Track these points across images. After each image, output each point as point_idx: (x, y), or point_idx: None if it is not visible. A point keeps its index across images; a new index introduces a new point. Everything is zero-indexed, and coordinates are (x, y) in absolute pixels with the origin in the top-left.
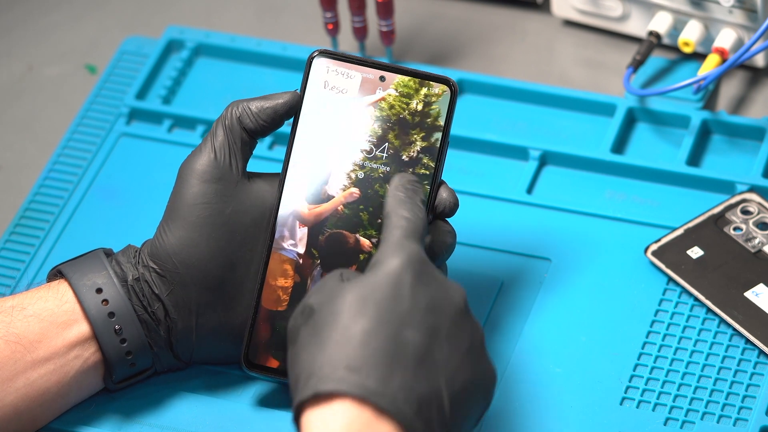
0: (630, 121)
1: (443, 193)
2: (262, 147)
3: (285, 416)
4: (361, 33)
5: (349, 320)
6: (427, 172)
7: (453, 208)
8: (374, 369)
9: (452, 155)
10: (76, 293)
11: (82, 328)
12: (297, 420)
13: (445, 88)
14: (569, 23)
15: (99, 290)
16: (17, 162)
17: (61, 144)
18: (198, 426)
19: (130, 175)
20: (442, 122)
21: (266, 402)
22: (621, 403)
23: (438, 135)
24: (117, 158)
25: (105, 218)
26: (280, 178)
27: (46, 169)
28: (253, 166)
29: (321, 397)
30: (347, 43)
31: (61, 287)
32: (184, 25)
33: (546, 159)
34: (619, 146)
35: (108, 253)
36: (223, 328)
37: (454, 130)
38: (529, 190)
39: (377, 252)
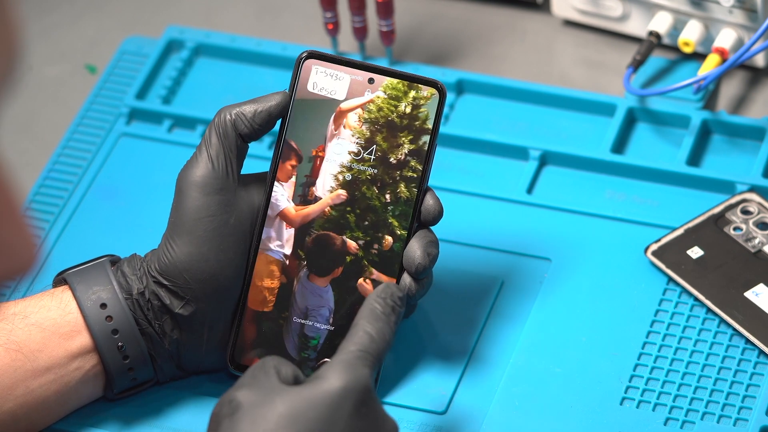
0: (630, 121)
1: (429, 200)
2: (262, 147)
3: None
4: (361, 33)
5: (273, 430)
6: (415, 175)
7: (437, 216)
8: None
9: (452, 155)
10: (80, 306)
11: (84, 341)
12: None
13: (434, 91)
14: (569, 23)
15: (103, 305)
16: (17, 162)
17: (61, 144)
18: (198, 427)
19: (130, 175)
20: (430, 125)
21: None
22: (621, 403)
23: (426, 138)
24: (117, 158)
25: (105, 218)
26: (267, 178)
27: (46, 169)
28: (255, 166)
29: None
30: (347, 43)
31: (65, 296)
32: (184, 25)
33: (546, 159)
34: (619, 146)
35: (114, 261)
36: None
37: (455, 130)
38: (529, 190)
39: (325, 366)
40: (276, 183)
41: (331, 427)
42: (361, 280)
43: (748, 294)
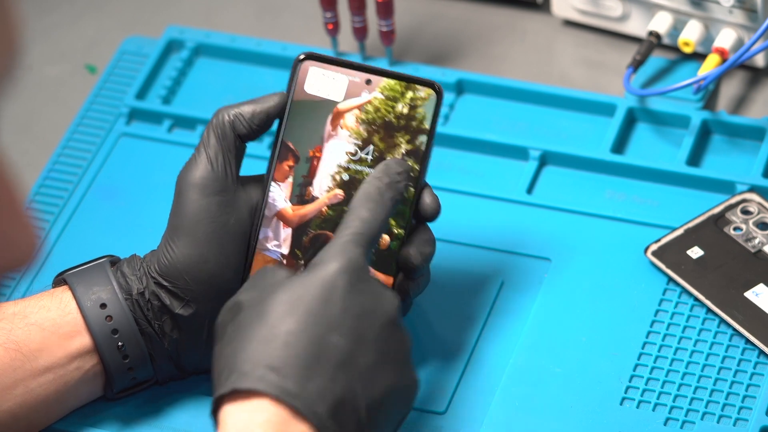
0: (630, 121)
1: (426, 198)
2: (262, 147)
3: None
4: (361, 33)
5: (275, 320)
6: (412, 175)
7: (434, 213)
8: (294, 370)
9: (452, 155)
10: (79, 306)
11: (84, 341)
12: (215, 414)
13: (431, 91)
14: (569, 23)
15: (103, 305)
16: (17, 162)
17: (61, 144)
18: (198, 427)
19: (130, 175)
20: (427, 126)
21: None
22: (621, 403)
23: (423, 138)
24: (117, 158)
25: (105, 218)
26: (265, 178)
27: (46, 169)
28: (253, 165)
29: (240, 394)
30: (347, 43)
31: (65, 296)
32: (184, 25)
33: (546, 159)
34: (619, 146)
35: (114, 262)
36: None
37: (455, 130)
38: (529, 190)
39: (319, 253)
40: (273, 183)
41: (329, 306)
42: None
43: (748, 294)
